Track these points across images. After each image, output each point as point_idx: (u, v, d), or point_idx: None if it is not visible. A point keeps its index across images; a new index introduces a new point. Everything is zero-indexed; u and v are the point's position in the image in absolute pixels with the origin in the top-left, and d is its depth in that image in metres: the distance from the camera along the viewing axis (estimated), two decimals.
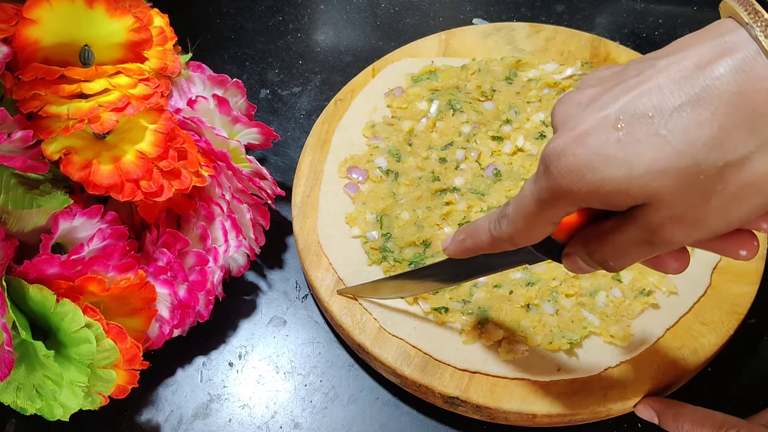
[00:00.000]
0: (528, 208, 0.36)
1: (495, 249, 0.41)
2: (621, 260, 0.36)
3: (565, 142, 0.33)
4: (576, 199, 0.34)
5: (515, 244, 0.39)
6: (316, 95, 0.76)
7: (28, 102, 0.49)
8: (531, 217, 0.36)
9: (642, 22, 0.81)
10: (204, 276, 0.55)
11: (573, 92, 0.36)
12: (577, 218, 0.37)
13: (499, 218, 0.39)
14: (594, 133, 0.33)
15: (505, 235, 0.39)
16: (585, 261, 0.38)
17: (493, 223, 0.40)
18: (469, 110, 0.67)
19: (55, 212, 0.49)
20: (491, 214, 0.41)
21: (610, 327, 0.54)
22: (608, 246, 0.36)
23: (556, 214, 0.36)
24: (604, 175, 0.32)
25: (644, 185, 0.32)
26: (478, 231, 0.42)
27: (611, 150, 0.32)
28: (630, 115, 0.32)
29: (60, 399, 0.48)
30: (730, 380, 0.57)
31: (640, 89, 0.32)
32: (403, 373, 0.53)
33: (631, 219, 0.34)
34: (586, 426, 0.54)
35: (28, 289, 0.47)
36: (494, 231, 0.40)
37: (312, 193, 0.63)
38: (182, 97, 0.59)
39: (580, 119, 0.34)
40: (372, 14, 0.83)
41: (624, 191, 0.32)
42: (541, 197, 0.35)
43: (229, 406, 0.57)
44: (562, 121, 0.35)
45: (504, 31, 0.73)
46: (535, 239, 0.38)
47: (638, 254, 0.35)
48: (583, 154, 0.33)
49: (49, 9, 0.49)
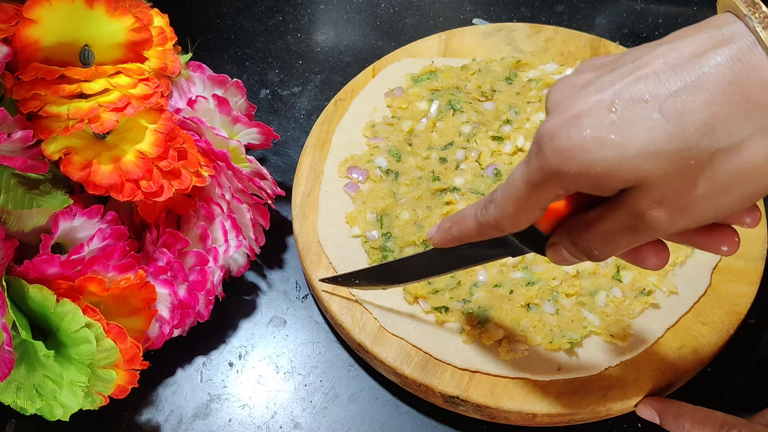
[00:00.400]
0: (518, 192, 0.36)
1: (481, 236, 0.41)
2: (605, 248, 0.36)
3: (558, 123, 0.34)
4: (566, 181, 0.34)
5: (502, 230, 0.39)
6: (316, 95, 0.76)
7: (28, 102, 0.49)
8: (520, 200, 0.36)
9: (642, 22, 0.81)
10: (204, 276, 0.55)
11: (568, 76, 0.36)
12: (563, 208, 0.38)
13: (486, 204, 0.39)
14: (588, 115, 0.33)
15: (492, 220, 0.39)
16: (569, 251, 0.38)
17: (480, 209, 0.40)
18: (469, 110, 0.67)
19: (55, 212, 0.49)
20: (477, 203, 0.41)
21: (610, 327, 0.54)
22: (593, 234, 0.36)
23: (545, 197, 0.36)
24: (595, 156, 0.32)
25: (635, 167, 0.32)
26: (465, 218, 0.42)
27: (604, 132, 0.32)
28: (625, 99, 0.32)
29: (60, 399, 0.48)
30: (730, 380, 0.57)
31: (636, 74, 0.33)
32: (403, 372, 0.53)
33: (618, 204, 0.34)
34: (586, 426, 0.54)
35: (28, 289, 0.47)
36: (481, 217, 0.40)
37: (312, 193, 0.63)
38: (182, 97, 0.59)
39: (574, 101, 0.34)
40: (372, 14, 0.83)
41: (614, 173, 0.32)
42: (532, 179, 0.35)
43: (229, 406, 0.57)
44: (556, 103, 0.35)
45: (504, 32, 0.73)
46: (522, 225, 0.38)
47: (623, 242, 0.35)
48: (576, 134, 0.33)
49: (49, 9, 0.50)
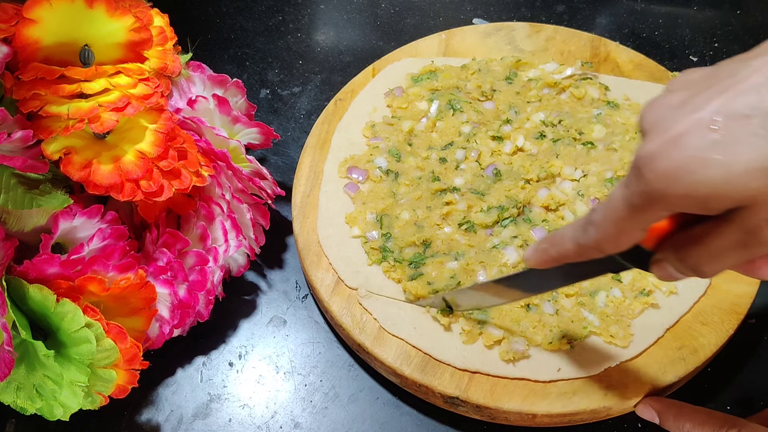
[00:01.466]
0: (618, 214, 0.36)
1: (580, 258, 0.41)
2: (715, 265, 0.35)
3: (658, 145, 0.33)
4: (671, 203, 0.33)
5: (603, 252, 0.39)
6: (316, 95, 0.76)
7: (28, 102, 0.49)
8: (621, 222, 0.36)
9: (642, 22, 0.81)
10: (204, 276, 0.55)
11: (661, 96, 0.36)
12: (666, 224, 0.37)
13: (585, 226, 0.39)
14: (689, 135, 0.32)
15: (593, 242, 0.38)
16: (676, 267, 0.37)
17: (579, 230, 0.39)
18: (469, 110, 0.67)
19: (55, 212, 0.49)
20: (574, 224, 0.40)
21: (610, 327, 0.54)
22: (701, 250, 0.35)
23: (648, 219, 0.35)
24: (701, 177, 0.31)
25: (743, 186, 0.31)
26: (563, 240, 0.41)
27: (707, 151, 0.31)
28: (726, 116, 0.32)
29: (60, 399, 0.48)
30: (730, 380, 0.57)
31: (735, 89, 0.32)
32: (403, 373, 0.53)
33: (727, 222, 0.33)
34: (586, 426, 0.54)
35: (28, 289, 0.47)
36: (581, 239, 0.39)
37: (312, 193, 0.63)
38: (182, 97, 0.59)
39: (672, 122, 0.33)
40: (372, 14, 0.83)
41: (722, 193, 0.31)
42: (634, 202, 0.34)
43: (229, 406, 0.57)
44: (652, 124, 0.35)
45: (504, 31, 0.73)
46: (624, 246, 0.38)
47: (733, 258, 0.35)
48: (678, 156, 0.32)
49: (49, 9, 0.49)
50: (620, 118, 0.66)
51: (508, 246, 0.58)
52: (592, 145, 0.64)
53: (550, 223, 0.60)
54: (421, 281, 0.56)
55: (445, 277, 0.57)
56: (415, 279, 0.57)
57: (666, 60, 0.77)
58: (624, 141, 0.64)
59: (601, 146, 0.64)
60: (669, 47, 0.79)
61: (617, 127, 0.65)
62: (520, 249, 0.58)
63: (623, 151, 0.63)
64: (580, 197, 0.61)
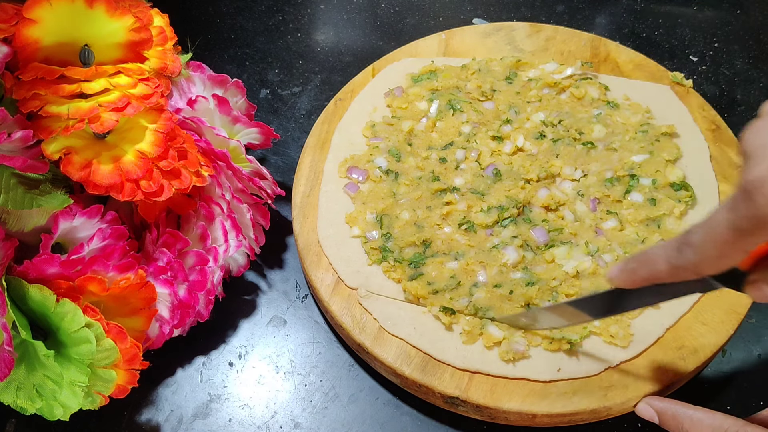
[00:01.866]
0: (722, 237, 0.35)
1: (673, 279, 0.40)
2: None
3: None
4: None
5: (699, 274, 0.38)
6: (316, 95, 0.76)
7: (28, 102, 0.49)
8: (724, 245, 0.36)
9: (642, 22, 0.81)
10: (204, 276, 0.56)
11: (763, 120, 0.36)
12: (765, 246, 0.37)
13: (681, 247, 0.38)
14: None
15: (690, 264, 0.38)
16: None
17: (673, 251, 0.39)
18: (469, 110, 0.67)
19: (55, 212, 0.49)
20: (666, 244, 0.40)
21: (610, 327, 0.54)
22: None
23: (753, 242, 0.35)
24: None
25: None
26: (655, 260, 0.41)
27: None
28: None
29: (60, 399, 0.48)
30: (730, 380, 0.57)
31: None
32: (403, 373, 0.54)
33: None
34: (586, 426, 0.54)
35: (28, 289, 0.47)
36: (675, 260, 0.39)
37: (312, 193, 0.63)
38: (182, 97, 0.59)
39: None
40: (372, 14, 0.83)
41: None
42: (741, 226, 0.34)
43: (229, 406, 0.57)
44: (758, 147, 0.34)
45: (504, 31, 0.73)
46: (724, 268, 0.38)
47: None
48: None
49: (49, 9, 0.49)
50: (620, 118, 0.66)
51: (508, 246, 0.58)
52: (592, 145, 0.64)
53: (550, 223, 0.60)
54: (421, 281, 0.56)
55: (445, 277, 0.57)
56: (415, 279, 0.57)
57: (666, 60, 0.77)
58: (624, 141, 0.64)
59: (601, 146, 0.64)
60: (669, 47, 0.79)
61: (617, 127, 0.65)
62: (519, 249, 0.58)
63: (623, 151, 0.63)
64: (580, 197, 0.61)
